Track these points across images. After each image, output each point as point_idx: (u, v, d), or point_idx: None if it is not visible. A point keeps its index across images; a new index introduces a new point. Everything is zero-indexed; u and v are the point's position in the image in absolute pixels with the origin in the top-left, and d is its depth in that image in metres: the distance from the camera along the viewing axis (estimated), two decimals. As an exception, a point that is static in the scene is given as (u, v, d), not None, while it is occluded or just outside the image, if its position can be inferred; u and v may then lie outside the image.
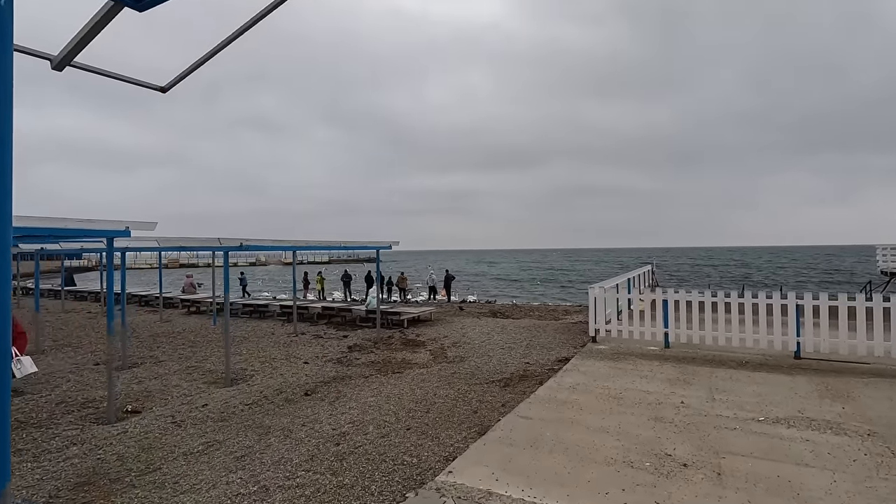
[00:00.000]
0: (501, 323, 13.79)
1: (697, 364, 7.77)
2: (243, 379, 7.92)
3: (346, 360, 9.16)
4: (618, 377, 7.02)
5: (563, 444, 4.60)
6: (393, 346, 10.42)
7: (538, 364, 8.46)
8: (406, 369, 8.31)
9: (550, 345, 10.20)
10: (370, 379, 7.69)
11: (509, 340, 10.81)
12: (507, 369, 8.15)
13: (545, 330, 12.22)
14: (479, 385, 7.21)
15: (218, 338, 11.93)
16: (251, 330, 13.24)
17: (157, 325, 14.46)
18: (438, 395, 6.70)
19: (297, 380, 7.72)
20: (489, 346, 10.17)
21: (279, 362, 9.05)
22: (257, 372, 8.34)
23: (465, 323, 13.79)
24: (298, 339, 11.70)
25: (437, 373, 8.00)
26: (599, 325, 9.88)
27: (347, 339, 11.43)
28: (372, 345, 10.66)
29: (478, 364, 8.59)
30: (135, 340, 11.74)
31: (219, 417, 5.95)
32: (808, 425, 5.02)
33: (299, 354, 9.74)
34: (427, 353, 9.69)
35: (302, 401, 6.61)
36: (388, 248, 11.33)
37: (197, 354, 9.94)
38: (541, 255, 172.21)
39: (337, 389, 7.10)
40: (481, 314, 16.48)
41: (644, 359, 8.18)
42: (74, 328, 13.88)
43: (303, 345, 10.85)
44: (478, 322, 13.99)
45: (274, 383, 7.54)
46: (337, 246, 10.21)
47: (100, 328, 13.81)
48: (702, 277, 50.57)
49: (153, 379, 7.94)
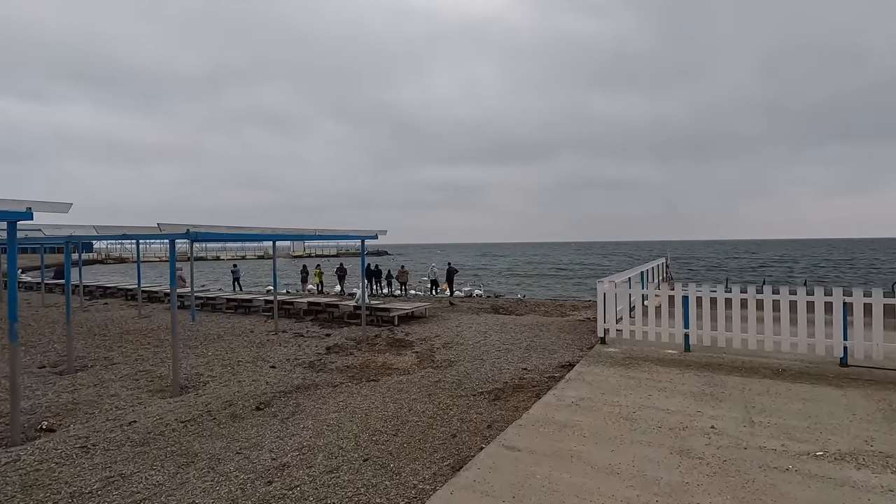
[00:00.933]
0: (502, 320, 12.63)
1: (725, 372, 6.56)
2: (195, 387, 6.86)
3: (320, 363, 8.07)
4: (630, 390, 5.83)
5: (557, 495, 3.45)
6: (377, 347, 9.32)
7: (537, 370, 7.30)
8: (384, 376, 7.20)
9: (553, 346, 9.03)
10: (340, 388, 6.59)
11: (507, 341, 9.66)
12: (501, 377, 7.00)
13: (549, 328, 11.04)
14: (465, 397, 6.08)
15: (191, 336, 10.92)
16: (230, 327, 12.22)
17: (132, 321, 13.50)
18: (414, 411, 5.57)
19: (254, 389, 6.65)
20: (484, 348, 9.02)
21: (243, 366, 7.99)
22: (214, 378, 7.28)
23: (462, 320, 12.66)
24: (277, 337, 10.65)
25: (419, 381, 6.88)
26: (609, 324, 8.69)
27: (329, 339, 10.36)
28: (354, 345, 9.57)
29: (468, 370, 7.46)
30: (100, 338, 10.77)
31: (141, 440, 4.88)
32: (884, 464, 3.82)
33: (270, 356, 8.67)
34: (413, 355, 8.57)
35: (250, 417, 5.52)
36: (374, 237, 10.21)
37: (158, 355, 8.92)
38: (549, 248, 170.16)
39: (296, 402, 6.01)
40: (481, 310, 15.33)
41: (661, 365, 6.98)
42: (44, 324, 12.96)
43: (279, 345, 9.79)
44: (476, 319, 12.84)
45: (226, 393, 6.47)
46: (311, 235, 9.09)
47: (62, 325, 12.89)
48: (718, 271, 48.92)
49: (92, 386, 6.91)
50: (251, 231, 7.44)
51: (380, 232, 10.31)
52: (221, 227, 6.80)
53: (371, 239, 10.25)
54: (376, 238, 10.23)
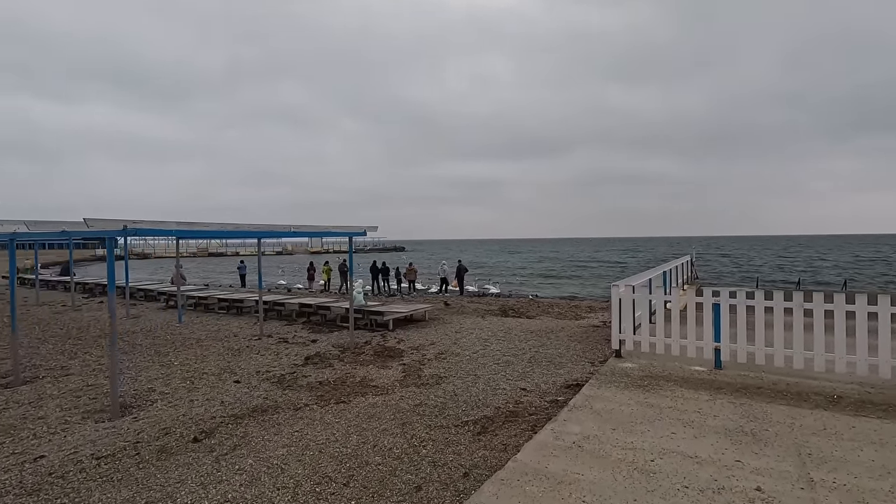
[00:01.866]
0: (508, 325, 11.52)
1: (766, 399, 5.37)
2: (140, 406, 5.95)
3: (291, 378, 7.10)
4: (649, 423, 4.70)
5: None
6: (361, 358, 8.32)
7: (538, 391, 6.20)
8: (359, 396, 6.19)
9: (561, 359, 7.90)
10: (302, 412, 5.60)
11: (509, 351, 8.56)
12: (494, 399, 5.92)
13: (558, 336, 9.89)
14: (446, 429, 5.02)
15: (168, 340, 10.10)
16: (215, 330, 11.39)
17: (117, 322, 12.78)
18: (379, 448, 4.55)
19: (204, 411, 5.70)
20: (481, 360, 7.94)
21: (205, 380, 7.07)
22: (166, 395, 6.37)
23: (464, 324, 11.58)
24: (259, 343, 9.74)
25: (397, 403, 5.84)
26: (625, 334, 7.52)
27: (314, 346, 9.41)
28: (338, 354, 8.59)
29: (457, 389, 6.39)
30: (73, 342, 10.03)
31: (33, 486, 3.96)
32: None
33: (240, 368, 7.74)
34: (399, 368, 7.54)
35: (182, 452, 4.57)
36: (362, 234, 9.20)
37: (123, 365, 8.07)
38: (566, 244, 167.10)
39: (244, 431, 5.04)
40: (488, 312, 14.23)
41: (687, 387, 5.81)
42: (26, 325, 12.33)
43: (257, 352, 8.87)
44: (479, 323, 11.76)
45: (169, 416, 5.54)
46: (286, 232, 8.09)
47: (52, 324, 12.25)
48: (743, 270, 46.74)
49: (24, 405, 6.06)
50: (207, 228, 6.49)
51: (369, 228, 9.30)
52: (170, 222, 5.88)
53: (359, 235, 9.25)
54: (364, 234, 9.22)
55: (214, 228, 6.65)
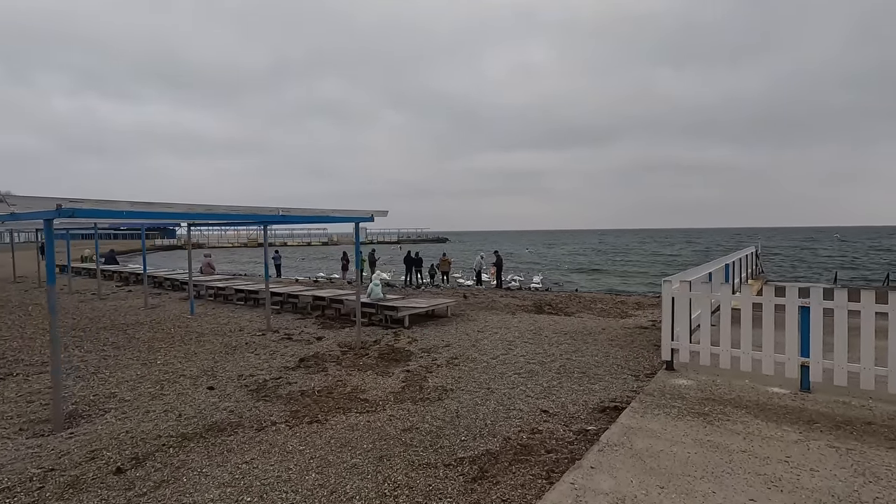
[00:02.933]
0: (540, 323, 10.14)
1: (884, 444, 3.82)
2: (89, 417, 5.10)
3: (273, 385, 6.09)
4: (714, 482, 3.31)
5: None
6: (363, 361, 7.23)
7: (563, 416, 4.87)
8: (341, 413, 5.08)
9: (597, 370, 6.50)
10: (265, 433, 4.55)
11: (536, 357, 7.23)
12: (504, 426, 4.65)
13: (597, 339, 8.45)
14: (432, 468, 3.81)
15: (167, 335, 9.42)
16: (224, 323, 10.67)
17: (131, 312, 12.37)
18: (337, 497, 3.40)
19: (153, 427, 4.76)
20: (499, 368, 6.66)
21: (178, 384, 6.18)
22: (125, 403, 5.50)
23: (489, 322, 10.30)
24: (260, 339, 8.88)
25: (382, 426, 4.69)
26: (680, 342, 6.03)
27: (317, 344, 8.42)
28: (338, 356, 7.55)
29: (461, 407, 5.16)
30: (75, 333, 9.52)
31: None
32: None
33: (224, 370, 6.83)
34: (401, 376, 6.39)
35: (93, 488, 3.60)
36: (370, 219, 8.09)
37: (105, 363, 7.37)
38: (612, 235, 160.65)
39: (182, 459, 4.03)
40: (520, 308, 12.87)
41: (765, 418, 4.33)
42: (41, 314, 12.09)
43: (252, 351, 7.97)
44: (507, 321, 10.43)
45: (109, 434, 4.62)
46: (270, 216, 6.93)
47: (67, 314, 11.93)
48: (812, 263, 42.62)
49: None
50: (170, 209, 5.51)
51: (377, 213, 8.17)
52: (121, 202, 4.95)
53: (366, 221, 8.14)
54: (372, 220, 8.10)
55: (181, 210, 5.70)
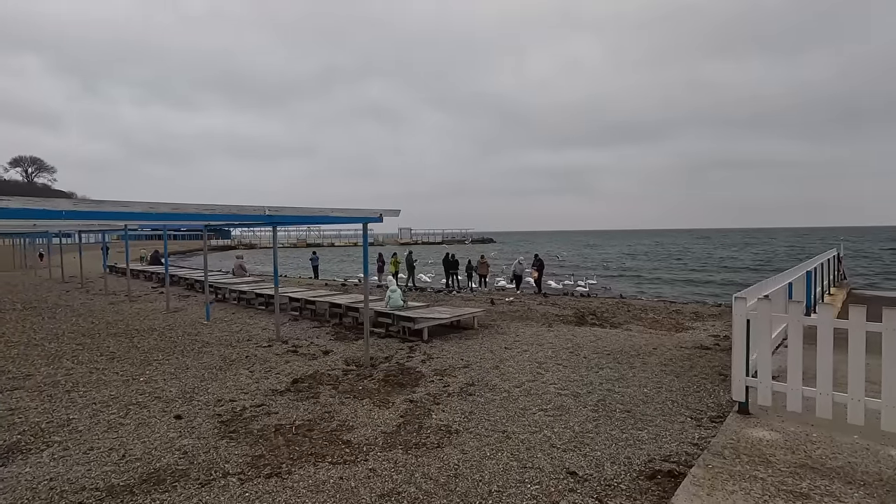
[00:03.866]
0: (579, 338, 8.78)
1: None
2: (24, 454, 4.30)
3: (250, 416, 5.16)
4: None
5: None
6: (364, 384, 6.19)
7: (593, 486, 3.60)
8: (311, 462, 4.04)
9: (645, 408, 5.14)
10: (207, 491, 3.58)
11: (570, 385, 5.94)
12: (513, 498, 3.45)
13: (647, 361, 7.03)
14: (403, 572, 2.69)
15: (173, 343, 8.79)
16: (235, 331, 9.98)
17: (151, 316, 11.98)
18: None
19: (83, 473, 3.89)
20: (522, 402, 5.43)
21: (145, 411, 5.36)
22: (75, 435, 4.70)
23: (521, 336, 9.04)
24: (263, 352, 8.05)
25: (357, 487, 3.60)
26: (759, 378, 4.60)
27: (321, 360, 7.49)
28: (338, 376, 6.56)
29: (462, 461, 4.00)
30: (81, 339, 9.08)
31: None
32: None
33: (205, 392, 5.97)
34: (402, 407, 5.30)
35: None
36: (378, 219, 7.06)
37: (87, 378, 6.73)
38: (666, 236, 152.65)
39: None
40: (559, 317, 11.52)
41: None
42: (64, 316, 11.92)
43: (246, 367, 7.13)
44: (542, 335, 9.14)
45: (30, 482, 3.78)
46: (255, 215, 5.96)
47: (90, 316, 11.66)
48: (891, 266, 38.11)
49: None
50: (126, 209, 4.63)
51: (387, 212, 7.13)
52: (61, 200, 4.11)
53: (374, 221, 7.12)
54: (380, 220, 7.07)
55: (140, 209, 4.83)
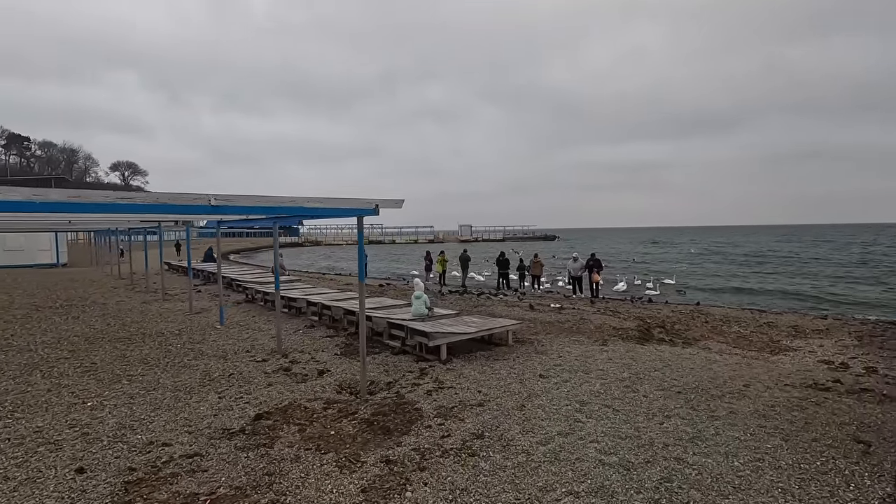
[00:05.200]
0: (640, 364, 6.86)
1: None
2: None
3: (167, 475, 3.84)
4: None
5: None
6: (343, 425, 4.74)
7: None
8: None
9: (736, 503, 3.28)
10: None
11: (619, 447, 4.14)
12: None
13: (735, 407, 5.03)
14: None
15: (169, 353, 7.85)
16: (242, 338, 8.91)
17: (170, 317, 11.29)
18: None
19: None
20: (544, 474, 3.72)
21: (53, 456, 4.19)
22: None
23: (564, 358, 7.23)
24: (254, 368, 6.85)
25: None
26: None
27: (312, 383, 6.16)
28: (318, 410, 5.16)
29: None
30: (85, 345, 8.38)
31: None
32: None
33: (143, 429, 4.74)
34: (372, 471, 3.78)
35: None
36: (373, 211, 5.59)
37: (38, 399, 5.81)
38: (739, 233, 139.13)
39: None
40: (618, 331, 9.55)
41: None
42: (89, 317, 11.52)
43: (220, 391, 5.89)
44: (591, 357, 7.28)
45: None
46: (196, 205, 4.54)
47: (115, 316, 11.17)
48: None
49: None
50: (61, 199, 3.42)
51: (386, 203, 5.64)
52: None
53: (368, 214, 5.65)
54: (375, 212, 5.59)
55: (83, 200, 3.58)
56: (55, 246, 29.61)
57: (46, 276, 22.16)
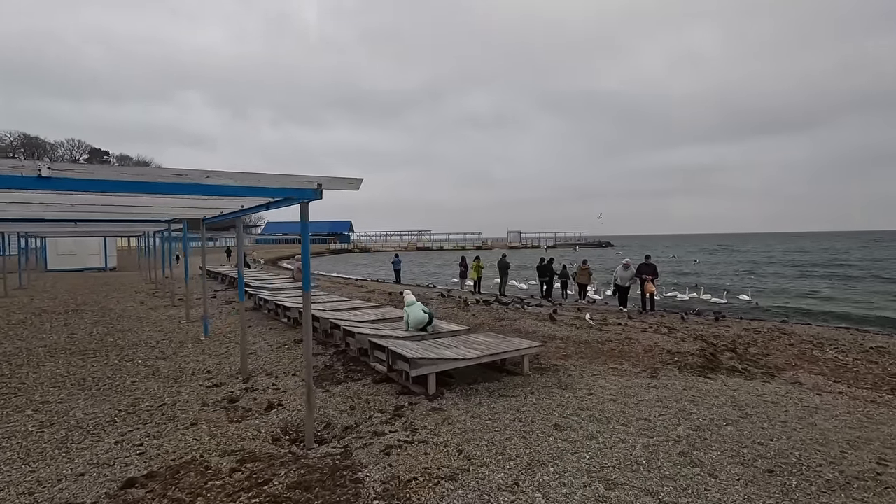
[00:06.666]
0: (704, 412, 4.86)
1: None
2: None
3: None
4: None
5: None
6: None
7: None
8: None
9: None
10: None
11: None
12: None
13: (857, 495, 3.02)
14: None
15: (128, 370, 6.64)
16: (216, 354, 7.64)
17: (156, 327, 10.27)
18: None
19: None
20: None
21: None
22: None
23: (594, 396, 5.32)
24: (199, 395, 5.49)
25: None
26: None
27: (252, 422, 4.68)
28: (220, 472, 3.62)
29: None
30: (51, 355, 7.39)
31: None
32: None
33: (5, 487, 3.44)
34: None
35: None
36: (312, 195, 4.02)
37: None
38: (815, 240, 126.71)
39: None
40: (673, 356, 7.48)
41: None
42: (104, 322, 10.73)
43: (130, 428, 4.54)
44: (634, 396, 5.33)
45: None
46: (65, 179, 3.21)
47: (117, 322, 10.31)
48: None
49: None
50: None
51: (334, 182, 4.06)
52: None
53: (309, 198, 4.08)
54: (318, 196, 4.02)
55: None
56: (104, 250, 30.46)
57: (85, 280, 22.40)
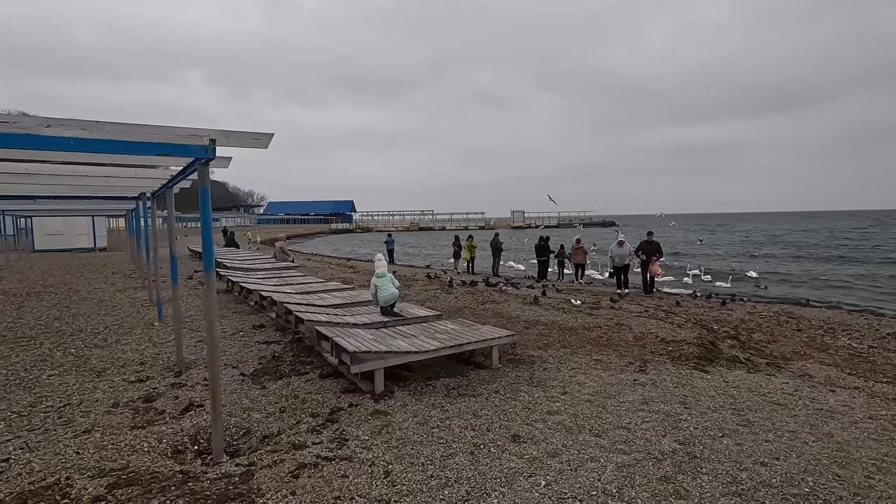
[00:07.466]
0: (697, 416, 4.06)
1: None
2: None
3: None
4: None
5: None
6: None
7: None
8: None
9: None
10: None
11: None
12: None
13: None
14: None
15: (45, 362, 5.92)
16: (161, 341, 6.94)
17: (112, 311, 9.53)
18: None
19: None
20: None
21: None
22: None
23: (568, 396, 4.53)
24: (114, 394, 4.76)
25: None
26: None
27: (157, 427, 3.93)
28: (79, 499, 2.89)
29: None
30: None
31: None
32: None
33: None
34: None
35: None
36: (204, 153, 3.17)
37: None
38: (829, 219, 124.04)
39: None
40: (668, 346, 6.66)
41: None
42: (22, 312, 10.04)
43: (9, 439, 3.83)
44: (615, 395, 4.52)
45: None
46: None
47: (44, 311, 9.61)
48: None
49: None
50: None
51: (234, 136, 3.22)
52: None
53: (202, 158, 3.24)
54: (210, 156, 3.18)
55: None
56: (92, 230, 29.76)
57: (68, 261, 21.73)
